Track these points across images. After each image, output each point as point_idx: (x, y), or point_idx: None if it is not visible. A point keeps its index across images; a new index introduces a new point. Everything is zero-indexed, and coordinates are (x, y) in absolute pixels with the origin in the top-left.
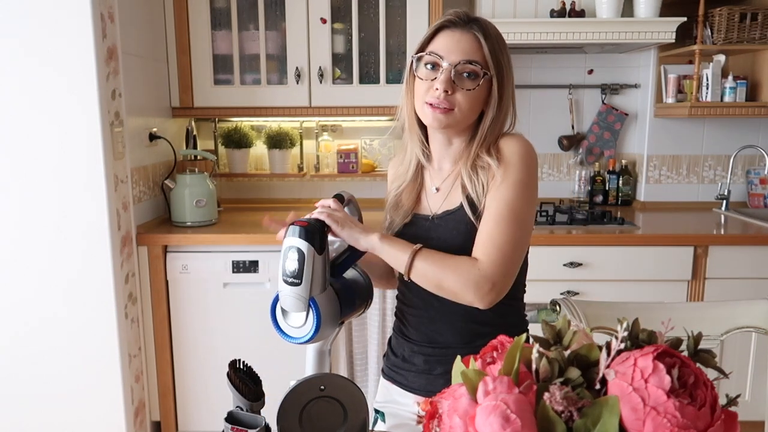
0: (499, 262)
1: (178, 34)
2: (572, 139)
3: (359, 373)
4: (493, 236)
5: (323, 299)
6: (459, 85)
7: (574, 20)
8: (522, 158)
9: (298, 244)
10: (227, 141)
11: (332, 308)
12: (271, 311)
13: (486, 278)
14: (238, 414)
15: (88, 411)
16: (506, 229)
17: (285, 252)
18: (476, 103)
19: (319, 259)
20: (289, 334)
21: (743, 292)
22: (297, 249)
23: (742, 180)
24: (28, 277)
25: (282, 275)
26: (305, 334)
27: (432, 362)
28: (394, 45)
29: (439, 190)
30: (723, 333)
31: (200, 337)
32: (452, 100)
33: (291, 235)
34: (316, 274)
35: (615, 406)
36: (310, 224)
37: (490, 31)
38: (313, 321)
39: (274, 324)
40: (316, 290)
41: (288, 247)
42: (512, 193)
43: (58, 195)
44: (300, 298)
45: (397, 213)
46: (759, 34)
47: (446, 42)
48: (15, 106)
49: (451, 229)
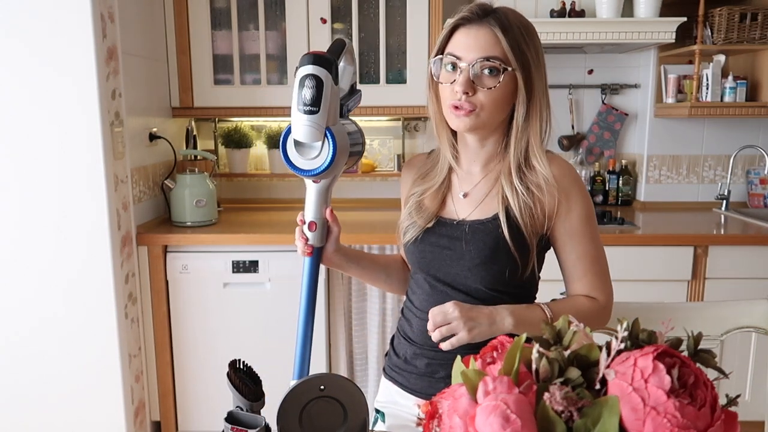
0: (609, 291)
1: (178, 34)
2: (572, 139)
3: (359, 373)
4: (595, 272)
5: (337, 130)
6: (479, 84)
7: (574, 20)
8: (581, 186)
9: (316, 71)
10: (227, 141)
11: (344, 140)
12: (282, 145)
13: (608, 310)
14: (238, 414)
15: (88, 411)
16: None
17: (301, 81)
18: (501, 101)
19: (335, 89)
20: (301, 167)
21: (743, 292)
22: (314, 77)
23: (742, 180)
24: (29, 277)
25: (298, 104)
26: (320, 165)
27: (434, 365)
28: (394, 45)
29: (467, 195)
30: (723, 333)
31: (200, 337)
32: (474, 100)
33: (308, 62)
34: (332, 104)
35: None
36: (326, 53)
37: (511, 21)
38: (329, 150)
39: (284, 159)
40: (332, 120)
41: (305, 74)
42: (589, 227)
43: (58, 195)
44: (317, 126)
45: (420, 215)
46: (759, 34)
47: (463, 40)
48: (15, 106)
49: (478, 239)
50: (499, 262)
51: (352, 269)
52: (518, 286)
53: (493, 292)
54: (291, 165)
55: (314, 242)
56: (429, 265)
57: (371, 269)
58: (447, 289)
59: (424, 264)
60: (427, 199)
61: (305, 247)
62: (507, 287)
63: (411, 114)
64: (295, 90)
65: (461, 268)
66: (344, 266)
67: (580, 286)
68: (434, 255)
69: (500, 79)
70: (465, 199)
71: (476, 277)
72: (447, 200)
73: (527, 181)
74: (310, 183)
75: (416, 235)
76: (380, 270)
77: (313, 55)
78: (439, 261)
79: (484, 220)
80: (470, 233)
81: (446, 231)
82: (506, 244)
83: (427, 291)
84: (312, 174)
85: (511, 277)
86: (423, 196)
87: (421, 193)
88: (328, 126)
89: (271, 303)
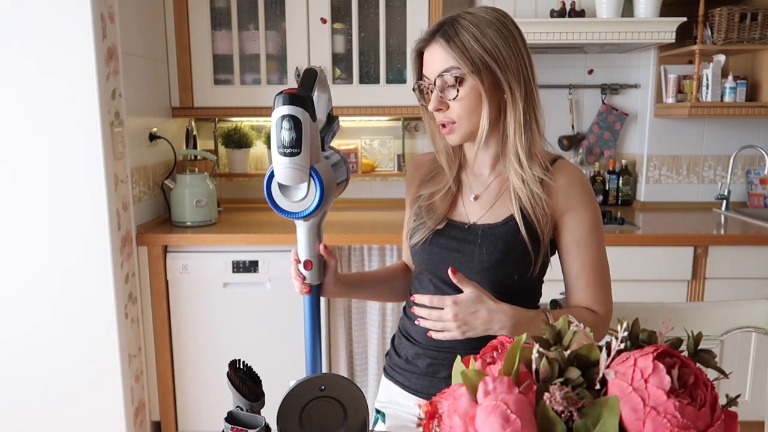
0: (609, 305)
1: (178, 34)
2: (572, 139)
3: (359, 373)
4: (598, 284)
5: (322, 167)
6: (448, 97)
7: (574, 20)
8: (591, 195)
9: (292, 111)
10: (227, 141)
11: (330, 176)
12: (266, 189)
13: (606, 324)
14: (238, 414)
15: (88, 411)
16: (603, 272)
17: (278, 123)
18: (472, 105)
19: (314, 127)
20: (288, 210)
21: (743, 292)
22: (292, 117)
23: (742, 180)
24: (29, 276)
25: (278, 147)
26: (308, 207)
27: (436, 365)
28: (394, 45)
29: (477, 198)
30: (723, 333)
31: (200, 337)
32: (449, 114)
33: (283, 103)
34: (314, 142)
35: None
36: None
37: (461, 26)
38: (316, 190)
39: (271, 203)
40: (315, 158)
41: (281, 116)
42: (596, 237)
43: (58, 195)
44: (301, 168)
45: (429, 217)
46: (759, 34)
47: (425, 62)
48: (15, 106)
49: (490, 243)
50: (509, 265)
51: (354, 294)
52: (525, 287)
53: (500, 294)
54: (278, 209)
55: (311, 280)
56: (436, 266)
57: (374, 288)
58: (452, 291)
59: (431, 265)
60: (437, 200)
61: (303, 286)
62: (513, 289)
63: (411, 114)
64: (273, 132)
65: (470, 271)
66: (345, 294)
67: (582, 296)
68: (442, 257)
69: (462, 87)
70: (476, 201)
71: (484, 279)
72: (457, 202)
73: (532, 175)
74: (300, 222)
75: (425, 236)
76: (383, 284)
77: (287, 94)
78: (448, 263)
79: (496, 224)
80: (482, 237)
81: (456, 234)
82: (522, 245)
83: (431, 292)
84: (301, 216)
85: (519, 279)
86: (432, 197)
87: (431, 195)
88: (312, 165)
89: (271, 303)
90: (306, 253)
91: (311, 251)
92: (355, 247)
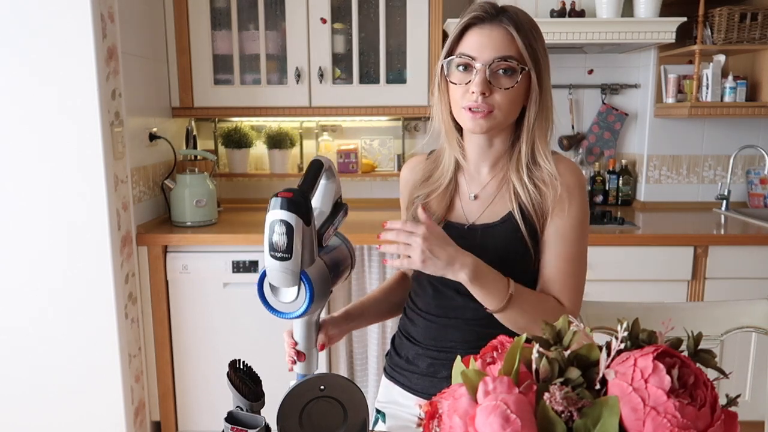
0: (578, 302)
1: (178, 34)
2: (572, 139)
3: (359, 373)
4: (572, 278)
5: (314, 271)
6: (496, 85)
7: (574, 20)
8: (584, 191)
9: (284, 216)
10: (227, 141)
11: (323, 279)
12: (258, 288)
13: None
14: (238, 414)
15: (88, 411)
16: (579, 269)
17: (270, 226)
18: (517, 101)
19: (307, 231)
20: (279, 310)
21: (743, 292)
22: (284, 222)
23: (742, 180)
24: (28, 276)
25: (269, 251)
26: (297, 309)
27: (437, 365)
28: (394, 45)
29: (477, 197)
30: (723, 333)
31: (200, 337)
32: (491, 101)
33: (275, 207)
34: (305, 247)
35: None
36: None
37: (522, 19)
38: (306, 295)
39: (262, 301)
40: (306, 263)
41: (273, 220)
42: (579, 232)
43: (58, 195)
44: (291, 273)
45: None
46: (759, 34)
47: (476, 40)
48: (14, 106)
49: (489, 244)
50: (509, 264)
51: (356, 327)
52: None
53: None
54: (269, 307)
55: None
56: None
57: (374, 314)
58: (451, 292)
59: None
60: (434, 201)
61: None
62: None
63: (411, 114)
64: (265, 233)
65: None
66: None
67: (552, 287)
68: None
69: (517, 79)
70: (475, 201)
71: None
72: (455, 202)
73: (534, 178)
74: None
75: None
76: (383, 303)
77: (282, 198)
78: None
79: (494, 223)
80: (481, 237)
81: (455, 234)
82: (521, 242)
83: (430, 293)
84: (291, 317)
85: (517, 277)
86: (429, 198)
87: (427, 196)
88: (303, 270)
89: None
90: (302, 345)
91: (307, 343)
92: (355, 247)
